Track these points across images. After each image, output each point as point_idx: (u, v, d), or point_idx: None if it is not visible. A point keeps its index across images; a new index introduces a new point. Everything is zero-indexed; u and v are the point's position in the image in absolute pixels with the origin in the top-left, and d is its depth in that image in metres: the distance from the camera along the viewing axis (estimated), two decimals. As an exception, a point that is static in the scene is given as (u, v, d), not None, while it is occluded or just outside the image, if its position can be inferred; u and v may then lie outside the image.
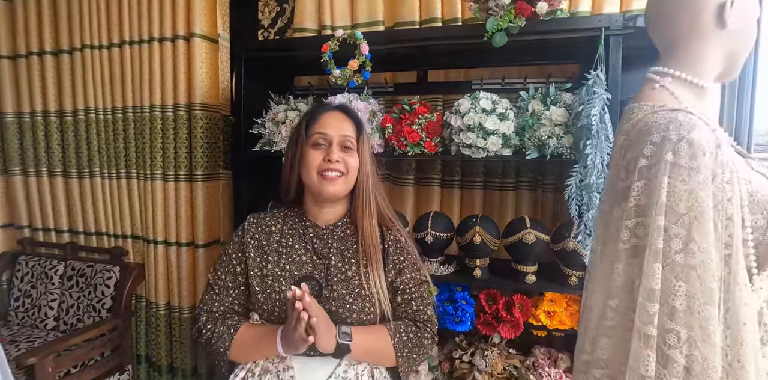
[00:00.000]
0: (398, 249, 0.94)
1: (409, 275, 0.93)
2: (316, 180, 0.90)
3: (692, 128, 0.53)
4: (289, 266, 0.90)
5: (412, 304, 0.92)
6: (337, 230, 0.94)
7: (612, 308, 0.59)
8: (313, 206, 0.95)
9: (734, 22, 0.63)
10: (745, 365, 0.51)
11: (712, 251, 0.51)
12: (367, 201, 0.93)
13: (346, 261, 0.91)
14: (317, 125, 0.91)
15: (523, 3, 1.11)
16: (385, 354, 0.86)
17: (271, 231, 0.95)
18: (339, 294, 0.87)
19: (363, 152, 0.93)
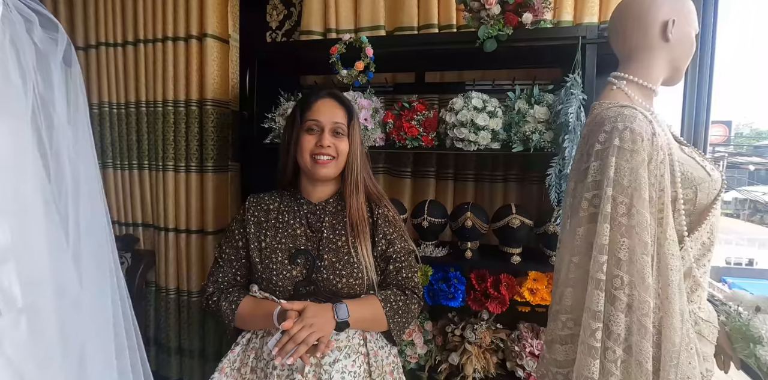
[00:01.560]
0: (386, 222, 1.03)
1: (399, 246, 1.02)
2: (309, 163, 0.98)
3: (634, 119, 0.69)
4: (285, 239, 1.00)
5: (402, 272, 1.01)
6: (329, 206, 1.03)
7: (574, 263, 0.75)
8: (308, 185, 1.05)
9: (675, 37, 0.80)
10: (672, 301, 0.67)
11: (648, 215, 0.67)
12: (355, 182, 1.02)
13: (336, 233, 1.00)
14: (311, 112, 1.00)
15: (511, 14, 1.27)
16: (378, 321, 0.96)
17: (269, 209, 1.05)
18: (330, 262, 0.96)
19: (353, 136, 1.01)
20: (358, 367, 0.95)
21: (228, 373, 0.99)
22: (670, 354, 0.67)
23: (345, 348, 0.95)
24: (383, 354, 1.02)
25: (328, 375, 0.91)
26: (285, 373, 0.92)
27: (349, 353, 0.96)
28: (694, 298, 0.76)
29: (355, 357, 0.96)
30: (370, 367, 0.98)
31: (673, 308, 0.67)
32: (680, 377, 0.67)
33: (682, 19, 0.81)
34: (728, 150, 9.58)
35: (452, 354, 1.41)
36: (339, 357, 0.94)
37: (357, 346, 0.97)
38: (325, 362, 0.92)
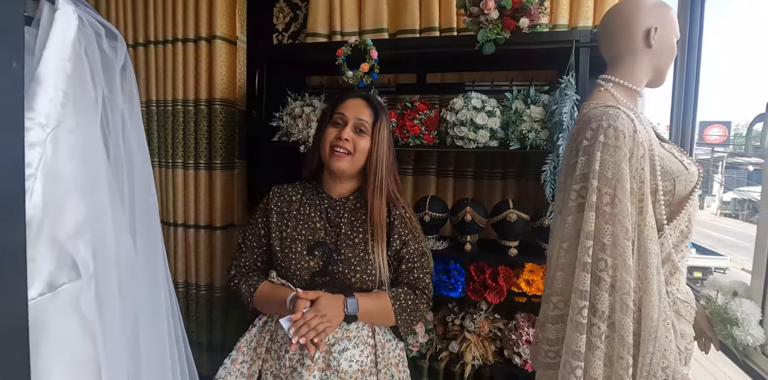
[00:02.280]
0: (403, 223, 1.07)
1: (412, 247, 1.06)
2: (327, 154, 1.03)
3: (617, 118, 0.78)
4: (304, 231, 1.04)
5: (414, 272, 1.05)
6: (349, 203, 1.08)
7: (564, 249, 0.84)
8: (329, 181, 1.09)
9: (658, 43, 0.89)
10: (650, 281, 0.75)
11: (629, 204, 0.76)
12: (378, 184, 1.04)
13: (354, 230, 1.04)
14: (339, 107, 1.05)
15: (508, 18, 1.36)
16: (386, 317, 1.01)
17: (291, 200, 1.10)
18: (346, 256, 1.01)
19: (378, 137, 1.04)
20: (365, 357, 1.00)
21: (245, 352, 1.05)
22: (648, 329, 0.75)
23: (354, 338, 1.00)
24: (390, 347, 1.06)
25: (336, 362, 0.96)
26: (296, 357, 0.98)
27: (358, 343, 1.00)
28: (673, 281, 0.85)
29: (363, 347, 1.01)
30: (376, 358, 1.02)
31: (651, 287, 0.75)
32: (658, 349, 0.75)
33: (664, 26, 0.89)
34: (728, 150, 9.68)
35: (452, 343, 1.50)
36: (348, 346, 0.98)
37: (365, 337, 1.02)
38: (335, 350, 0.97)
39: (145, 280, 0.58)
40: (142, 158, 0.60)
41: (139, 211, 0.57)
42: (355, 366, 0.98)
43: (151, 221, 0.61)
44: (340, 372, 0.96)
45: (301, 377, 0.94)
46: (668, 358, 0.76)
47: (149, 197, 0.61)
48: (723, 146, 9.79)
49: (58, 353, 0.43)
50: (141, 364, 0.55)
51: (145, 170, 0.60)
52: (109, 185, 0.51)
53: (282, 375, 0.98)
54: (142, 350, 0.55)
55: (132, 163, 0.56)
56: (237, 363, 1.04)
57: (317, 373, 0.96)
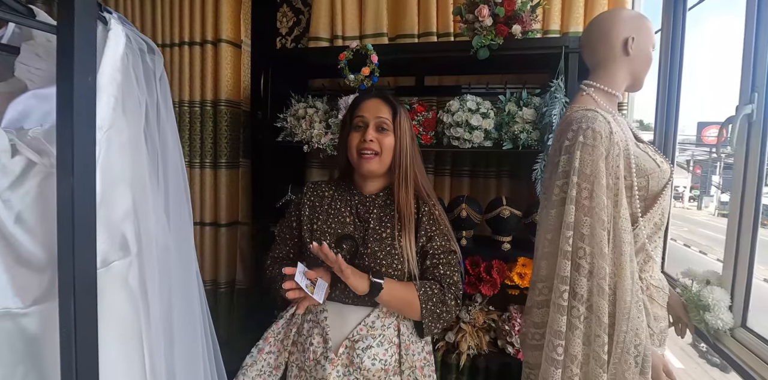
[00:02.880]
0: (431, 219, 1.06)
1: (438, 243, 1.04)
2: (356, 158, 1.05)
3: (595, 120, 0.87)
4: (334, 224, 1.06)
5: (440, 268, 1.03)
6: (379, 200, 1.09)
7: (548, 239, 0.93)
8: (359, 180, 1.12)
9: (635, 52, 0.98)
10: (624, 267, 0.84)
11: (605, 198, 0.85)
12: (404, 176, 1.05)
13: (382, 225, 1.05)
14: (357, 110, 1.07)
15: (501, 25, 1.45)
16: (411, 303, 0.98)
17: (324, 195, 1.13)
18: (372, 250, 1.01)
19: (399, 131, 1.05)
20: (389, 357, 1.00)
21: (271, 342, 1.08)
22: (622, 310, 0.84)
23: (379, 336, 1.00)
24: (416, 349, 1.05)
25: (360, 359, 0.96)
26: (320, 349, 1.00)
27: (382, 341, 1.00)
28: (647, 268, 0.94)
29: (388, 346, 1.00)
30: (401, 358, 1.01)
31: (624, 273, 0.85)
32: (631, 328, 0.84)
33: (640, 36, 0.98)
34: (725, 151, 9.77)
35: (448, 333, 1.59)
36: (372, 344, 0.98)
37: (391, 336, 1.01)
38: (359, 347, 0.97)
39: (177, 260, 0.66)
40: (175, 151, 0.69)
41: (172, 196, 0.66)
42: (378, 364, 0.98)
43: (182, 204, 0.70)
44: (362, 369, 0.96)
45: (324, 370, 0.96)
46: (640, 336, 0.85)
47: (181, 184, 0.70)
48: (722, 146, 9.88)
49: (109, 319, 0.52)
50: (174, 336, 0.64)
51: (177, 161, 0.69)
52: (150, 175, 0.60)
53: (306, 367, 1.00)
54: (174, 323, 0.64)
55: (166, 155, 0.65)
56: (263, 352, 1.06)
57: (340, 368, 0.97)
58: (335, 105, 1.68)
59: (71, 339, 0.43)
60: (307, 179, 2.06)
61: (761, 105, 0.98)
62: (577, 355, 0.87)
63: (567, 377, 0.87)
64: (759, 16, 0.99)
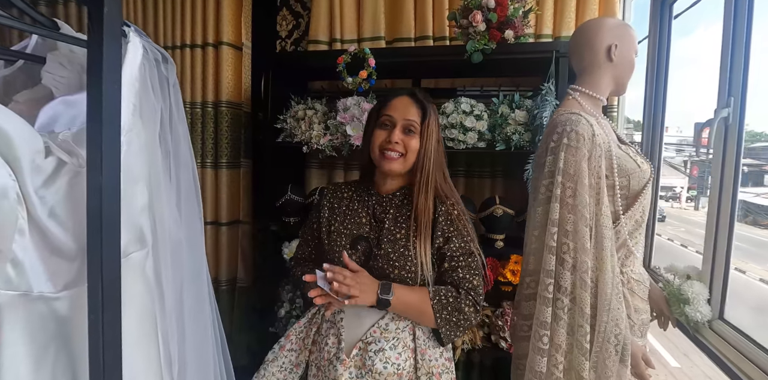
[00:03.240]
0: (448, 220, 1.03)
1: (456, 244, 1.00)
2: (378, 156, 1.03)
3: (578, 123, 0.93)
4: (350, 225, 1.06)
5: (459, 271, 0.99)
6: (395, 199, 1.08)
7: (535, 236, 0.99)
8: (379, 178, 1.10)
9: (618, 58, 1.04)
10: (605, 261, 0.90)
11: (587, 197, 0.91)
12: (425, 181, 1.02)
13: (397, 225, 1.03)
14: (386, 108, 1.04)
15: (495, 30, 1.51)
16: (424, 312, 0.96)
17: (343, 197, 1.13)
18: (386, 251, 0.99)
19: (426, 134, 1.02)
20: (403, 361, 0.97)
21: (293, 340, 1.09)
22: (603, 302, 0.90)
23: (393, 339, 0.98)
24: (433, 355, 1.01)
25: (371, 362, 0.95)
26: (333, 350, 1.00)
27: (396, 345, 0.98)
28: (628, 263, 1.00)
29: (402, 350, 0.98)
30: (416, 364, 0.99)
31: (605, 267, 0.91)
32: (611, 318, 0.90)
33: (623, 44, 1.04)
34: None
35: (443, 328, 1.64)
36: (385, 347, 0.96)
37: (405, 340, 0.99)
38: (371, 349, 0.96)
39: (188, 251, 0.72)
40: (186, 152, 0.75)
41: (184, 193, 0.72)
42: (390, 368, 0.96)
43: (191, 200, 0.76)
44: (374, 372, 0.95)
45: (336, 371, 0.96)
46: (620, 326, 0.91)
47: (191, 181, 0.76)
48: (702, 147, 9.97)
49: (128, 305, 0.57)
50: (185, 322, 0.69)
51: (188, 161, 0.75)
52: (163, 174, 0.65)
53: (322, 367, 1.01)
54: (186, 310, 0.69)
55: (178, 155, 0.71)
56: (285, 349, 1.08)
57: (353, 370, 0.96)
58: (334, 107, 1.73)
59: (98, 321, 0.49)
60: (307, 179, 2.11)
61: (737, 109, 1.04)
62: (562, 344, 0.93)
63: (552, 365, 0.93)
64: (735, 26, 1.05)
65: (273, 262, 1.84)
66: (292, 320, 1.80)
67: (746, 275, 7.86)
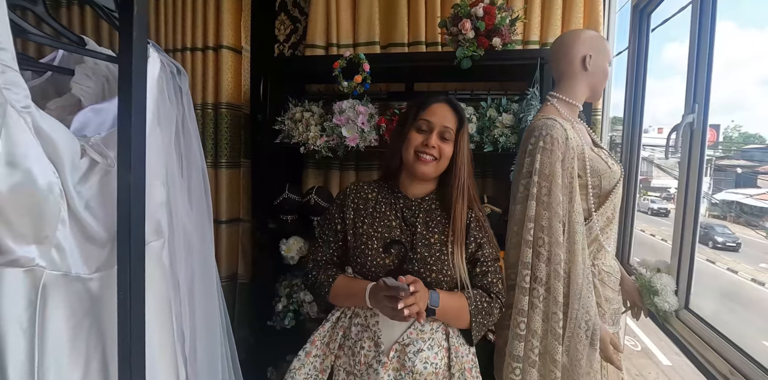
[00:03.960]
0: (478, 226, 1.08)
1: (488, 251, 1.07)
2: (412, 159, 1.06)
3: (553, 128, 1.03)
4: (381, 228, 1.07)
5: (488, 276, 1.06)
6: (425, 204, 1.10)
7: (515, 231, 1.08)
8: (406, 180, 1.12)
9: (592, 68, 1.14)
10: (576, 254, 1.00)
11: (560, 195, 1.00)
12: (462, 187, 1.07)
13: (430, 230, 1.06)
14: (425, 113, 1.07)
15: (483, 38, 1.60)
16: (461, 318, 1.02)
17: (368, 198, 1.13)
18: (422, 256, 1.03)
19: (461, 143, 1.08)
20: (439, 360, 1.02)
21: (318, 346, 1.09)
22: (574, 291, 1.00)
23: (429, 339, 1.02)
24: (464, 351, 1.07)
25: (411, 363, 0.98)
26: (372, 353, 1.01)
27: (432, 345, 1.02)
28: (599, 256, 1.10)
29: (438, 349, 1.02)
30: (450, 361, 1.03)
31: (576, 259, 1.00)
32: (582, 306, 1.00)
33: (598, 54, 1.14)
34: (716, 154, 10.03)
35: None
36: (423, 347, 1.00)
37: (440, 340, 1.04)
38: (409, 350, 0.99)
39: (198, 242, 0.81)
40: (197, 153, 0.84)
41: (194, 189, 0.81)
42: (429, 367, 1.00)
43: (202, 197, 0.85)
44: (414, 372, 0.98)
45: (377, 374, 0.97)
46: (590, 313, 1.00)
47: (201, 180, 0.85)
48: (712, 149, 10.20)
49: (148, 288, 0.65)
50: (195, 305, 0.78)
51: (198, 161, 0.84)
52: (178, 172, 0.74)
53: (356, 371, 1.02)
54: (196, 294, 0.78)
55: (190, 156, 0.80)
56: (311, 355, 1.08)
57: (392, 372, 0.99)
58: (330, 109, 1.82)
59: (126, 299, 0.57)
60: (304, 179, 2.20)
61: (701, 115, 1.14)
62: (537, 330, 1.02)
63: (528, 349, 1.03)
64: (699, 39, 1.14)
65: (272, 259, 1.93)
66: (289, 314, 1.89)
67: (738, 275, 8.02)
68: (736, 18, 74.32)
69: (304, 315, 1.89)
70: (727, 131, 11.78)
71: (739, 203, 9.57)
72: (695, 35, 1.14)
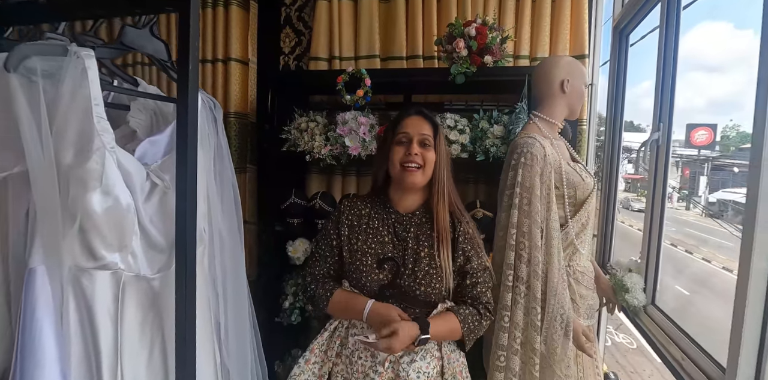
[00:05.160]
0: (467, 239, 1.16)
1: (476, 263, 1.15)
2: (399, 171, 1.12)
3: (533, 146, 1.19)
4: (374, 245, 1.13)
5: (477, 287, 1.13)
6: (415, 218, 1.17)
7: (500, 236, 1.25)
8: (396, 195, 1.19)
9: (569, 90, 1.30)
10: (552, 256, 1.16)
11: (539, 205, 1.17)
12: (442, 191, 1.15)
13: (420, 244, 1.13)
14: (401, 126, 1.15)
15: (476, 56, 1.76)
16: (454, 336, 1.12)
17: (361, 214, 1.19)
18: (412, 271, 1.10)
19: (439, 149, 1.15)
20: (432, 369, 1.10)
21: (317, 353, 1.17)
22: (551, 288, 1.16)
23: (420, 350, 1.10)
24: (455, 357, 1.17)
25: (405, 373, 1.06)
26: (368, 363, 1.09)
27: (425, 355, 1.10)
28: (574, 258, 1.26)
29: (430, 359, 1.11)
30: (442, 369, 1.13)
31: (553, 261, 1.17)
32: (557, 301, 1.16)
33: (574, 78, 1.30)
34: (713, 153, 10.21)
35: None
36: (416, 358, 1.09)
37: (433, 350, 1.13)
38: (403, 361, 1.08)
39: (230, 246, 0.97)
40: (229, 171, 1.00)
41: (226, 201, 0.97)
42: (422, 377, 1.08)
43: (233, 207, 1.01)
44: None
45: None
46: (564, 308, 1.17)
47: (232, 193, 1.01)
48: (709, 148, 10.41)
49: (193, 287, 0.82)
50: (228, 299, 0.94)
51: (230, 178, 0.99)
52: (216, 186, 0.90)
53: (354, 379, 1.11)
54: (228, 291, 0.94)
55: (223, 174, 0.96)
56: (310, 363, 1.16)
57: None
58: (333, 119, 1.98)
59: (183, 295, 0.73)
60: (308, 183, 2.36)
61: (665, 133, 1.30)
62: (519, 322, 1.19)
63: (512, 339, 1.19)
64: (663, 71, 1.31)
65: (278, 259, 2.09)
66: (295, 311, 2.05)
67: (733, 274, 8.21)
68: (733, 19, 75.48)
69: (309, 312, 2.05)
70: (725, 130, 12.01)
71: (736, 203, 9.76)
72: (661, 67, 1.31)
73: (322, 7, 2.19)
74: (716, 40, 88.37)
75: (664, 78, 1.30)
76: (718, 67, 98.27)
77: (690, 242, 9.30)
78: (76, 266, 0.68)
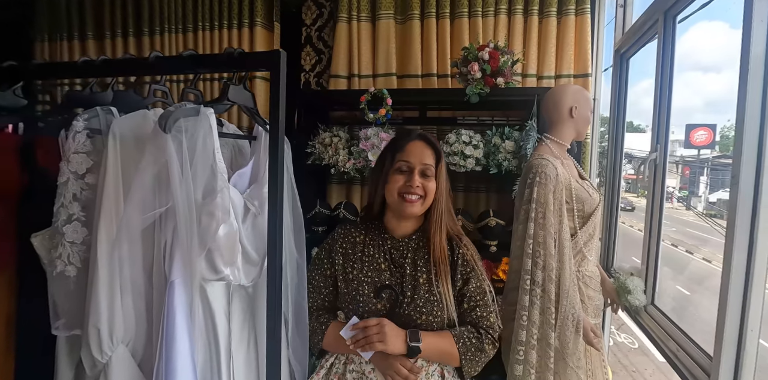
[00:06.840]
0: (465, 262, 1.13)
1: (474, 285, 1.11)
2: (397, 201, 1.09)
3: (546, 166, 1.39)
4: (371, 273, 1.11)
5: (477, 310, 1.10)
6: (411, 243, 1.15)
7: (517, 245, 1.45)
8: (392, 220, 1.17)
9: (577, 116, 1.50)
10: (564, 262, 1.36)
11: (552, 218, 1.37)
12: (439, 221, 1.11)
13: (417, 270, 1.10)
14: (402, 153, 1.10)
15: (488, 77, 1.97)
16: (451, 355, 1.06)
17: (356, 241, 1.17)
18: (411, 298, 1.07)
19: (440, 177, 1.11)
20: None
21: None
22: (563, 291, 1.36)
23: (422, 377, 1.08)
24: None
25: None
26: None
27: None
28: (583, 264, 1.47)
29: None
30: None
31: (565, 267, 1.37)
32: (569, 302, 1.36)
33: (581, 105, 1.50)
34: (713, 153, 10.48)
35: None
36: None
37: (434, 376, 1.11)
38: None
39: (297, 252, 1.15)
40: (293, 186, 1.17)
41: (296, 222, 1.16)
42: None
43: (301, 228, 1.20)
44: None
45: None
46: (575, 308, 1.37)
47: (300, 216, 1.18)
48: (708, 148, 10.70)
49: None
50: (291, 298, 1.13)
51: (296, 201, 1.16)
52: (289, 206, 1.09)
53: None
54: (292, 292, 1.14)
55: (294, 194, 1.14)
56: None
57: None
58: (354, 134, 2.17)
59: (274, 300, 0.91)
60: (329, 193, 2.55)
61: (662, 153, 1.51)
62: (536, 321, 1.38)
63: (529, 335, 1.39)
64: (660, 98, 1.52)
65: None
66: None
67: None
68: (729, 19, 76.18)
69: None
70: (724, 130, 12.32)
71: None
72: (657, 95, 1.51)
73: (342, 28, 2.39)
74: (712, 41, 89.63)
75: (660, 105, 1.50)
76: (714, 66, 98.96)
77: (690, 242, 9.56)
78: (203, 278, 0.87)
